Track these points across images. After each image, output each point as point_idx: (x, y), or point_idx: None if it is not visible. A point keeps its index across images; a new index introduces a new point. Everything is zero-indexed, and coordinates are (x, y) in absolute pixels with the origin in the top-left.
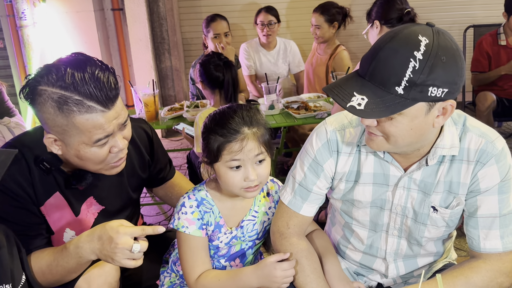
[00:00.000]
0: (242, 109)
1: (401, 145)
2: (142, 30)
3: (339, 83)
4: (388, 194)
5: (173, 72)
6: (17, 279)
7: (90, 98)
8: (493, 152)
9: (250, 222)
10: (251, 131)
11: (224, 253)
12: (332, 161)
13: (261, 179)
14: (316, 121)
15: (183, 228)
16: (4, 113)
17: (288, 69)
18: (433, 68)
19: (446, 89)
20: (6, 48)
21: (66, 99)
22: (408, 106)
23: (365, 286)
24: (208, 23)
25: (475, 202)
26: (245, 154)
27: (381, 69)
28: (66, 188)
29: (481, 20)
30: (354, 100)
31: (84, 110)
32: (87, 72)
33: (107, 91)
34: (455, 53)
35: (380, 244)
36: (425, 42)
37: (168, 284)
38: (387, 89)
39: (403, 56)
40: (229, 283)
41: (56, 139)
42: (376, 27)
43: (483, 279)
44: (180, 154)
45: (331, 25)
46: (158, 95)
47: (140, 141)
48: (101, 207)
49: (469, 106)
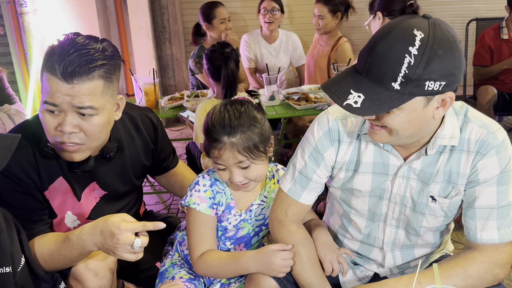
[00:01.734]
0: (231, 112)
1: (403, 137)
2: (143, 19)
3: (336, 79)
4: (387, 183)
5: (173, 62)
6: (17, 261)
7: (60, 61)
8: (493, 143)
9: (259, 206)
10: (229, 141)
11: (231, 235)
12: (333, 150)
13: (250, 179)
14: (317, 113)
15: (194, 205)
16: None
17: (290, 61)
18: (429, 62)
19: (444, 82)
20: (7, 35)
21: (50, 54)
22: (405, 101)
23: (362, 276)
24: (211, 10)
25: (473, 192)
26: (224, 161)
27: (377, 65)
28: (69, 172)
29: (484, 14)
30: (350, 98)
31: (50, 68)
32: (76, 41)
33: (74, 65)
34: (451, 45)
35: (377, 234)
36: (420, 37)
37: (169, 264)
38: (383, 85)
39: (398, 52)
40: (228, 264)
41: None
42: (379, 19)
43: (479, 270)
44: (180, 144)
45: (334, 16)
46: (158, 84)
47: (145, 129)
48: (104, 192)
49: (470, 100)
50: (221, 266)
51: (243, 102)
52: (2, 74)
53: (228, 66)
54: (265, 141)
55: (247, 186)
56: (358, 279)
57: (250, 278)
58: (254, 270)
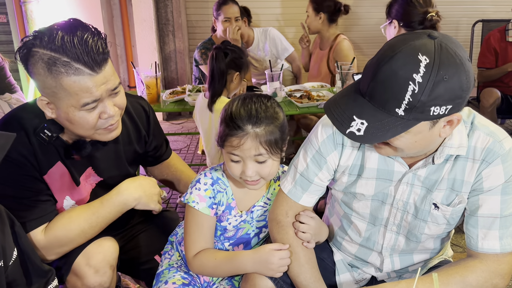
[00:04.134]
0: (257, 102)
1: (409, 154)
2: (147, 11)
3: (339, 101)
4: (391, 189)
5: (176, 55)
6: (9, 255)
7: (77, 60)
8: (500, 151)
9: (261, 208)
10: (253, 130)
11: (231, 236)
12: (336, 154)
13: (262, 176)
14: (319, 111)
15: (193, 203)
16: (5, 89)
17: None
18: (434, 88)
19: (450, 106)
20: (9, 23)
21: (55, 60)
22: (410, 126)
23: (359, 278)
24: (219, 6)
25: (477, 201)
26: (243, 152)
27: (380, 91)
28: (66, 158)
29: (490, 15)
30: (353, 125)
31: (71, 72)
32: (76, 36)
33: (94, 54)
34: (458, 68)
35: (377, 238)
36: (425, 62)
37: (166, 266)
38: (387, 111)
39: (401, 79)
40: (224, 264)
41: (48, 102)
42: (395, 27)
43: (478, 279)
44: (180, 137)
45: (317, 15)
46: (160, 78)
47: (136, 116)
48: (99, 178)
49: (473, 102)
50: (217, 265)
51: (268, 97)
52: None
53: (213, 66)
54: (284, 139)
55: (257, 183)
56: (355, 281)
57: (246, 278)
58: (251, 270)
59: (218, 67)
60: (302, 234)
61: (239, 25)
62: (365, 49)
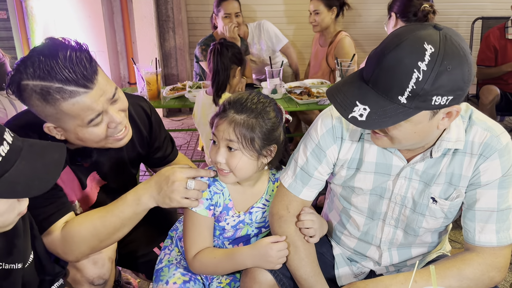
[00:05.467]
0: (250, 96)
1: (406, 145)
2: (147, 7)
3: (342, 87)
4: (389, 183)
5: (176, 51)
6: (27, 257)
7: (69, 82)
8: (497, 146)
9: (259, 209)
10: (233, 115)
11: (230, 236)
12: (335, 148)
13: (230, 166)
14: (318, 107)
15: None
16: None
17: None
18: (438, 78)
19: (451, 97)
20: (10, 19)
21: (47, 89)
22: (411, 115)
23: (358, 272)
24: (219, 2)
25: (474, 195)
26: (218, 133)
27: (384, 78)
28: (72, 164)
29: (490, 13)
30: (356, 111)
31: (67, 95)
32: (59, 58)
33: (82, 71)
34: (461, 60)
35: (375, 232)
36: (430, 51)
37: (166, 262)
38: (389, 98)
39: (407, 66)
40: (224, 261)
41: (55, 126)
42: (393, 19)
43: (475, 272)
44: (180, 134)
45: (330, 10)
46: (160, 74)
47: (138, 118)
48: (103, 182)
49: (472, 99)
50: (216, 264)
51: (270, 99)
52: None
53: (217, 61)
54: (265, 141)
55: (226, 175)
56: (354, 275)
57: (246, 272)
58: (250, 265)
59: (222, 61)
60: (306, 229)
61: (239, 21)
62: (365, 46)
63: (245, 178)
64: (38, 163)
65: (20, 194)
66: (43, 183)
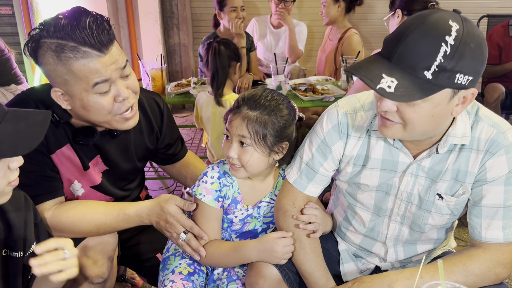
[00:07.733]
0: (264, 93)
1: (417, 133)
2: (152, 3)
3: (363, 64)
4: (395, 180)
5: (181, 48)
6: (28, 246)
7: (84, 43)
8: (503, 142)
9: (268, 204)
10: (246, 112)
11: (237, 229)
12: (341, 144)
13: (242, 162)
14: (323, 104)
15: (200, 196)
16: (11, 80)
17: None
18: (463, 54)
19: (471, 77)
20: (15, 15)
21: (62, 47)
22: (435, 91)
23: (363, 268)
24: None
25: (480, 191)
26: (231, 128)
27: (410, 53)
28: (74, 143)
29: (495, 10)
30: (383, 82)
31: (80, 55)
32: (81, 21)
33: (100, 36)
34: (481, 41)
35: (381, 229)
36: (456, 28)
37: (172, 251)
38: (415, 73)
39: (434, 41)
40: (230, 253)
41: (62, 93)
42: (398, 16)
43: (481, 267)
44: (184, 130)
45: (336, 3)
46: (165, 70)
47: (150, 110)
48: (105, 167)
49: (477, 97)
50: (223, 256)
51: (284, 96)
52: (10, 54)
53: (216, 60)
54: (277, 138)
55: (237, 170)
56: (359, 271)
57: (251, 266)
58: (256, 258)
59: (221, 61)
60: (305, 225)
61: (244, 15)
62: (373, 43)
63: (256, 174)
64: (22, 123)
65: (6, 153)
66: (29, 141)
